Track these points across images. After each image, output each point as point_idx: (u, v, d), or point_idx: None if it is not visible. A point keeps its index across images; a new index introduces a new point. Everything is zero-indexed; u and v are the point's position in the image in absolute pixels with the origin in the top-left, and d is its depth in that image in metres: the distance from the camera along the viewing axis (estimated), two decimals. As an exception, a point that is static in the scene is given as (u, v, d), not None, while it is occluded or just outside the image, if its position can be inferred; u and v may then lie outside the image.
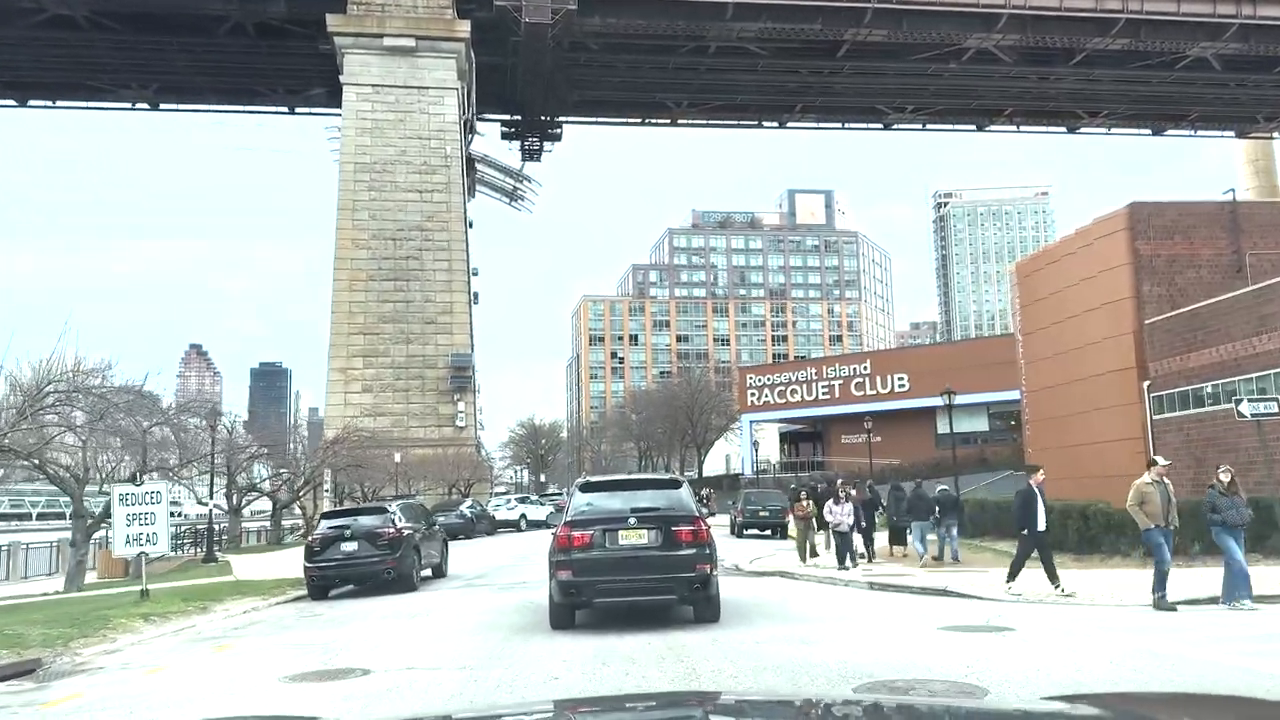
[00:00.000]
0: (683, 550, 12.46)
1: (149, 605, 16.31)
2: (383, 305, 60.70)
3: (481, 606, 15.67)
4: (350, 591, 18.92)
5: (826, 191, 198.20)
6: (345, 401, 58.90)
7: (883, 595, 16.41)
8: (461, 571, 23.34)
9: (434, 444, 57.75)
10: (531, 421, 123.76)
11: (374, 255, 60.84)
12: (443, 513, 40.45)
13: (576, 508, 13.19)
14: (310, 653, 11.65)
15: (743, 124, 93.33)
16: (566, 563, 12.48)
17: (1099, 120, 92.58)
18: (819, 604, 15.11)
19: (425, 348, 60.78)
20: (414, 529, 19.37)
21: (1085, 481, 31.65)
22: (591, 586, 12.42)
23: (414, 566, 18.75)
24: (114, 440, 25.42)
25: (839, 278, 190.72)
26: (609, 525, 12.61)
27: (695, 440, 76.27)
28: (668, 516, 12.70)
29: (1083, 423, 33.72)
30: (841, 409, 56.67)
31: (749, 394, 61.27)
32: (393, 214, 61.36)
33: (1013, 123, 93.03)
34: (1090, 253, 33.35)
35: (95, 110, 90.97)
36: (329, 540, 18.21)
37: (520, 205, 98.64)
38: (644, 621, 12.53)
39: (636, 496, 13.23)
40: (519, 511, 48.36)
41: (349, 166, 61.54)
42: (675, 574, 12.41)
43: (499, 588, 18.52)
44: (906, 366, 54.85)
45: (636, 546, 12.48)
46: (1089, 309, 33.25)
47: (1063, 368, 35.08)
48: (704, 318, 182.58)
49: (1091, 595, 14.87)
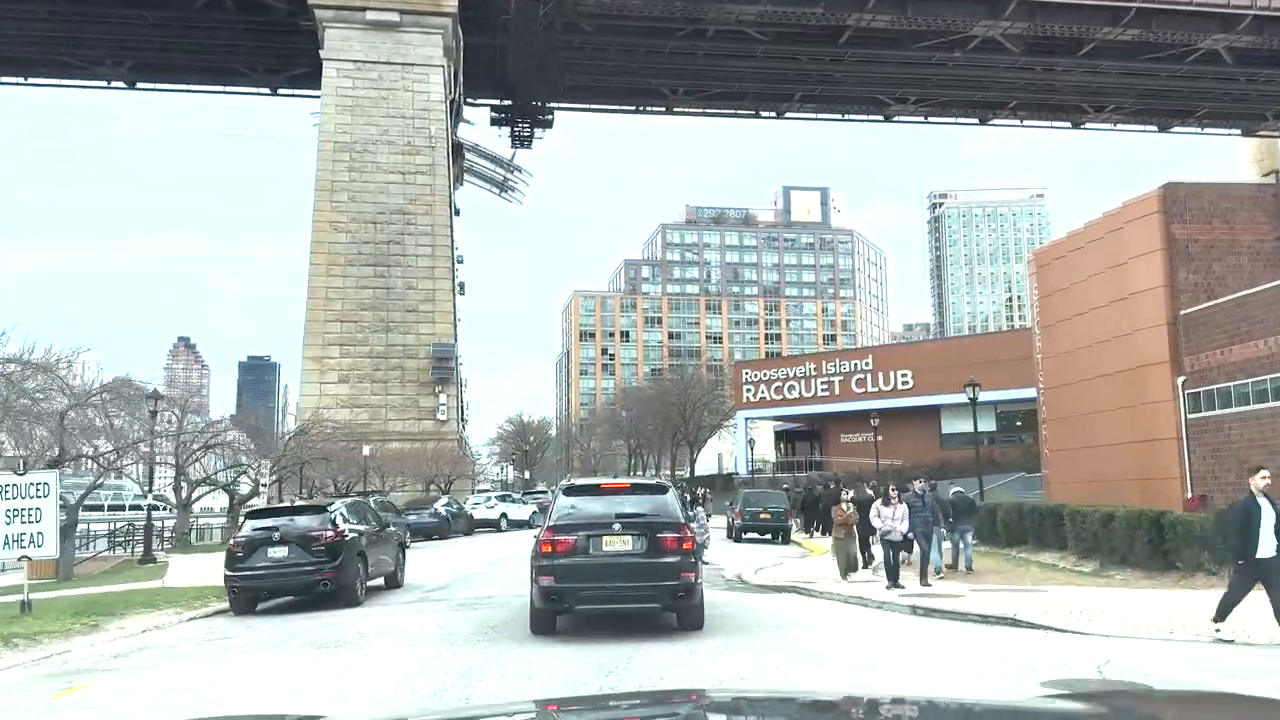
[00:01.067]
0: (667, 558, 12.30)
1: (25, 622, 13.54)
2: (362, 292, 57.89)
3: (430, 632, 13.03)
4: (285, 605, 16.19)
5: (822, 189, 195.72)
6: (320, 392, 56.08)
7: (934, 624, 13.43)
8: (421, 580, 20.59)
9: (414, 438, 54.97)
10: (520, 418, 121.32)
11: (353, 239, 58.02)
12: (415, 511, 37.72)
13: (560, 512, 12.94)
14: (165, 710, 8.90)
15: (740, 113, 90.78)
16: (549, 568, 12.28)
17: (1104, 116, 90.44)
18: (856, 635, 12.41)
19: (406, 337, 58.02)
20: (360, 532, 16.58)
21: (1112, 485, 29.17)
22: (574, 593, 12.24)
23: (358, 577, 16.03)
24: (36, 427, 22.69)
25: (834, 276, 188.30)
26: (593, 531, 12.39)
27: (687, 438, 73.51)
28: (653, 523, 12.49)
29: (1108, 422, 31.17)
30: (841, 406, 54.08)
31: (745, 390, 58.62)
32: (373, 196, 58.53)
33: (1016, 116, 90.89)
34: (1118, 238, 30.78)
35: (71, 89, 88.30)
36: (255, 544, 15.35)
37: (510, 196, 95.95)
38: (626, 633, 11.82)
39: (621, 501, 12.98)
40: (499, 510, 45.12)
41: (328, 146, 58.67)
42: (659, 581, 12.24)
43: (457, 604, 15.81)
44: (910, 363, 52.27)
45: (620, 553, 12.31)
46: (1116, 299, 30.68)
47: (1086, 362, 32.52)
48: (697, 315, 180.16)
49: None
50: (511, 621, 13.41)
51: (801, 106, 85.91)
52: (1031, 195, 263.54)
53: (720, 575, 20.95)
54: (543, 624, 12.53)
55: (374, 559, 17.14)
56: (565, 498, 13.38)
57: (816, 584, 17.82)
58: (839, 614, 14.35)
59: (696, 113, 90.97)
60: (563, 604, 12.34)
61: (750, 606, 14.98)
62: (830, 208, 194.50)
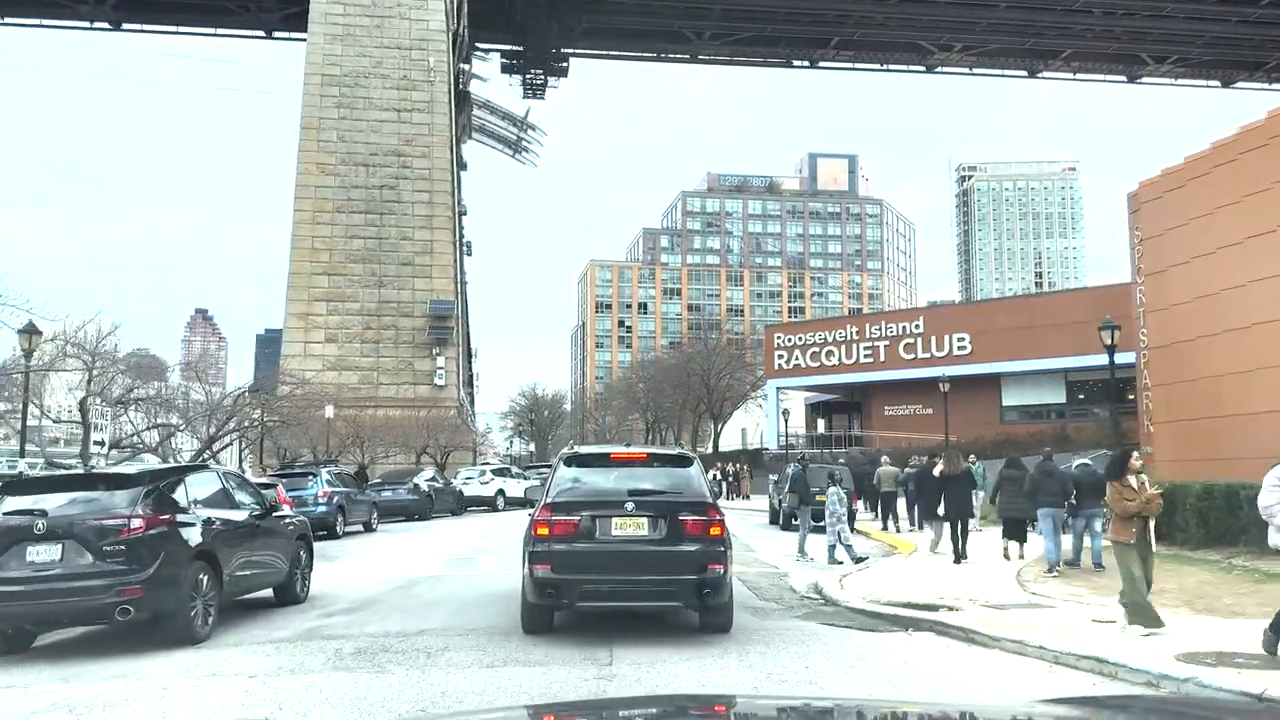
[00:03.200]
0: (690, 545, 10.24)
1: None
2: (351, 242, 52.15)
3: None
4: (80, 638, 10.38)
5: (850, 156, 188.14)
6: (305, 352, 50.47)
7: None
8: (342, 588, 14.43)
9: (408, 404, 49.25)
10: (533, 391, 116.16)
11: (342, 183, 52.19)
12: (390, 485, 31.91)
13: (560, 486, 10.77)
14: None
15: (770, 62, 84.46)
16: (544, 555, 10.18)
17: (1164, 68, 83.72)
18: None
19: (400, 293, 52.32)
20: (208, 521, 10.49)
21: (1253, 464, 23.02)
22: (574, 587, 10.17)
23: (197, 596, 10.03)
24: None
25: (860, 248, 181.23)
26: (600, 511, 10.35)
27: (711, 410, 67.42)
28: (673, 503, 10.46)
29: (1241, 386, 25.13)
30: (887, 374, 47.93)
31: (776, 356, 52.50)
32: (365, 136, 52.68)
33: (1069, 67, 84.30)
34: (1268, 156, 24.59)
35: (53, 30, 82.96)
36: (7, 539, 9.30)
37: (524, 158, 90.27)
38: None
39: (635, 475, 10.93)
40: (495, 486, 38.60)
41: (315, 79, 52.78)
42: (680, 575, 10.17)
43: (353, 651, 9.66)
44: (969, 324, 46.00)
45: (633, 539, 10.27)
46: (1260, 232, 24.54)
47: (1210, 314, 26.41)
48: (717, 286, 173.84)
49: None
50: (428, 704, 7.52)
51: (837, 54, 79.58)
52: (1064, 168, 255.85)
53: (785, 585, 14.95)
54: (536, 622, 10.57)
55: (241, 563, 10.97)
56: (566, 469, 11.01)
57: (967, 610, 11.37)
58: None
59: (723, 61, 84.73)
60: (560, 599, 10.31)
61: (878, 670, 8.79)
62: (858, 176, 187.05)
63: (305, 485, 23.64)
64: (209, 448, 26.99)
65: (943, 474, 18.80)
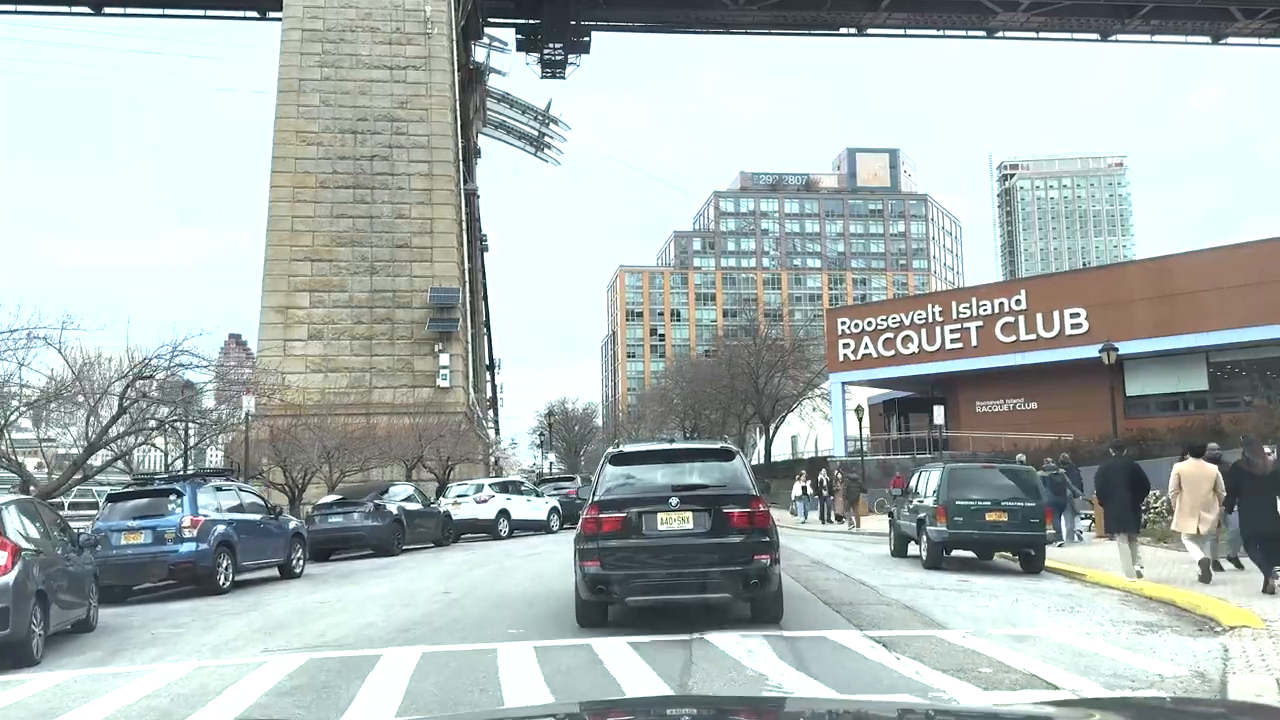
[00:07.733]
0: (736, 537, 10.55)
1: None
2: (338, 222, 44.58)
3: None
4: None
5: (891, 150, 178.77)
6: (285, 352, 42.88)
7: None
8: None
9: (407, 410, 41.43)
10: (562, 405, 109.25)
11: (327, 153, 44.68)
12: (341, 509, 23.74)
13: (607, 484, 11.20)
14: None
15: (813, 31, 76.41)
16: (594, 551, 10.63)
17: (1255, 23, 74.85)
18: None
19: (396, 280, 44.66)
20: None
21: None
22: (625, 582, 10.62)
23: None
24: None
25: (905, 246, 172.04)
26: (645, 506, 10.70)
27: (761, 414, 58.69)
28: (718, 496, 10.82)
29: None
30: (979, 363, 39.54)
31: (841, 345, 44.07)
32: (353, 99, 45.17)
33: (1149, 25, 75.64)
34: None
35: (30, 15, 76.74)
36: None
37: (546, 156, 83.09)
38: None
39: (680, 470, 11.27)
40: (495, 507, 28.83)
41: (294, 35, 45.39)
42: (728, 566, 10.46)
43: None
44: (1083, 297, 37.22)
45: (679, 532, 10.61)
46: None
47: None
48: (753, 291, 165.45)
49: None
50: None
51: (889, 17, 71.43)
52: (1110, 164, 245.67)
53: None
54: (590, 616, 11.02)
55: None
56: (613, 467, 11.46)
57: None
58: None
59: (761, 32, 76.90)
60: (612, 594, 10.67)
61: None
62: (900, 171, 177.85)
63: (161, 510, 15.86)
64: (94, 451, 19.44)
65: (1238, 471, 10.82)
